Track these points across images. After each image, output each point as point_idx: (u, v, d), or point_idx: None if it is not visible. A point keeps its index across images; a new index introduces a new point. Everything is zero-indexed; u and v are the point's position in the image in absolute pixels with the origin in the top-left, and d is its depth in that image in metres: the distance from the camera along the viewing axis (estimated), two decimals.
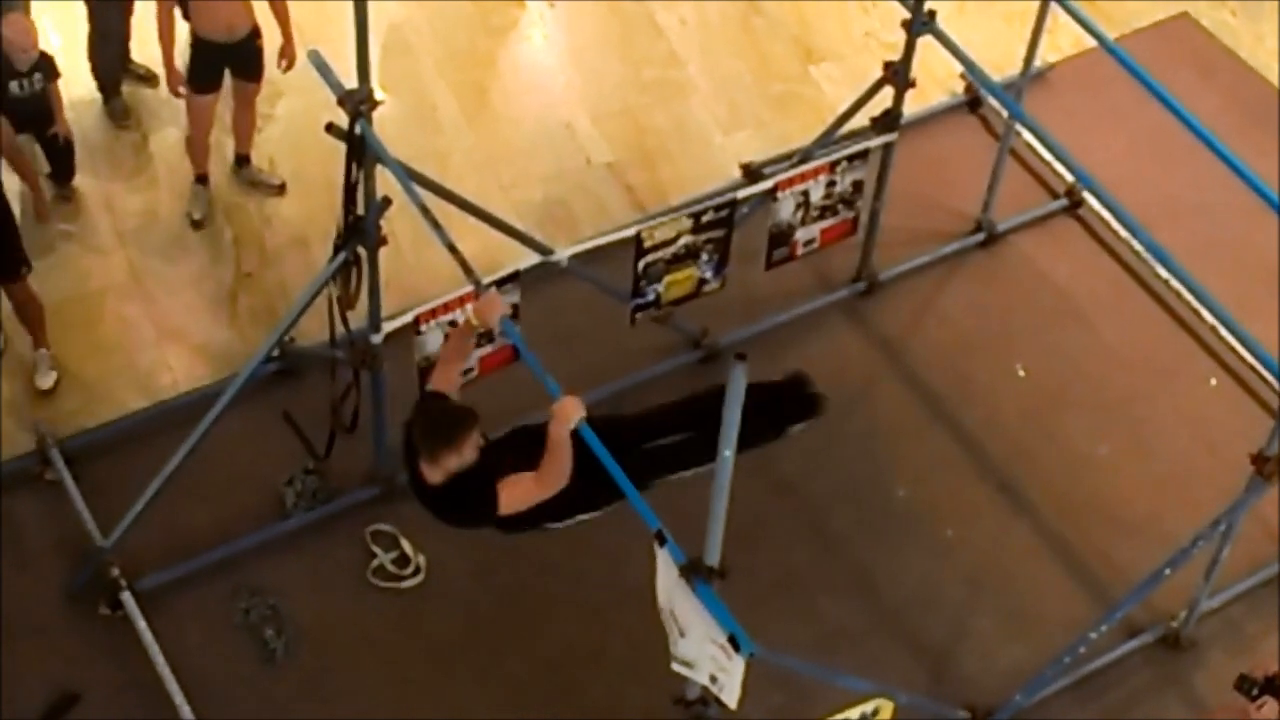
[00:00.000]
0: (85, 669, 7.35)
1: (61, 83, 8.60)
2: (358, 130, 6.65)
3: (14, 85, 8.36)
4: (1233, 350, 8.65)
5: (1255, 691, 6.49)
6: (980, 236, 9.26)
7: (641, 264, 7.75)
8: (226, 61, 8.64)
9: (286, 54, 8.68)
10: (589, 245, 8.17)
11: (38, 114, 8.54)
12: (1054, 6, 7.96)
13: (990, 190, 9.12)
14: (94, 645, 7.43)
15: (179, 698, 7.19)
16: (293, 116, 9.39)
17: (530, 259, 7.58)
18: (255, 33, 8.59)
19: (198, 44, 8.54)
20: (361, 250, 7.09)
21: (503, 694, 7.45)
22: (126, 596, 7.44)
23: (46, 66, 8.46)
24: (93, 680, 7.32)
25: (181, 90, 8.71)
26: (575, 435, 5.86)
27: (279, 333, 7.51)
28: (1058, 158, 7.97)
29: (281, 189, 9.11)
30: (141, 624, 7.38)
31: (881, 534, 8.11)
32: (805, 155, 8.45)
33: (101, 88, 9.29)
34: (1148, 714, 7.62)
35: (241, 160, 9.13)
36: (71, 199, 8.94)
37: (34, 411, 8.07)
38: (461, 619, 7.66)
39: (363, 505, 7.93)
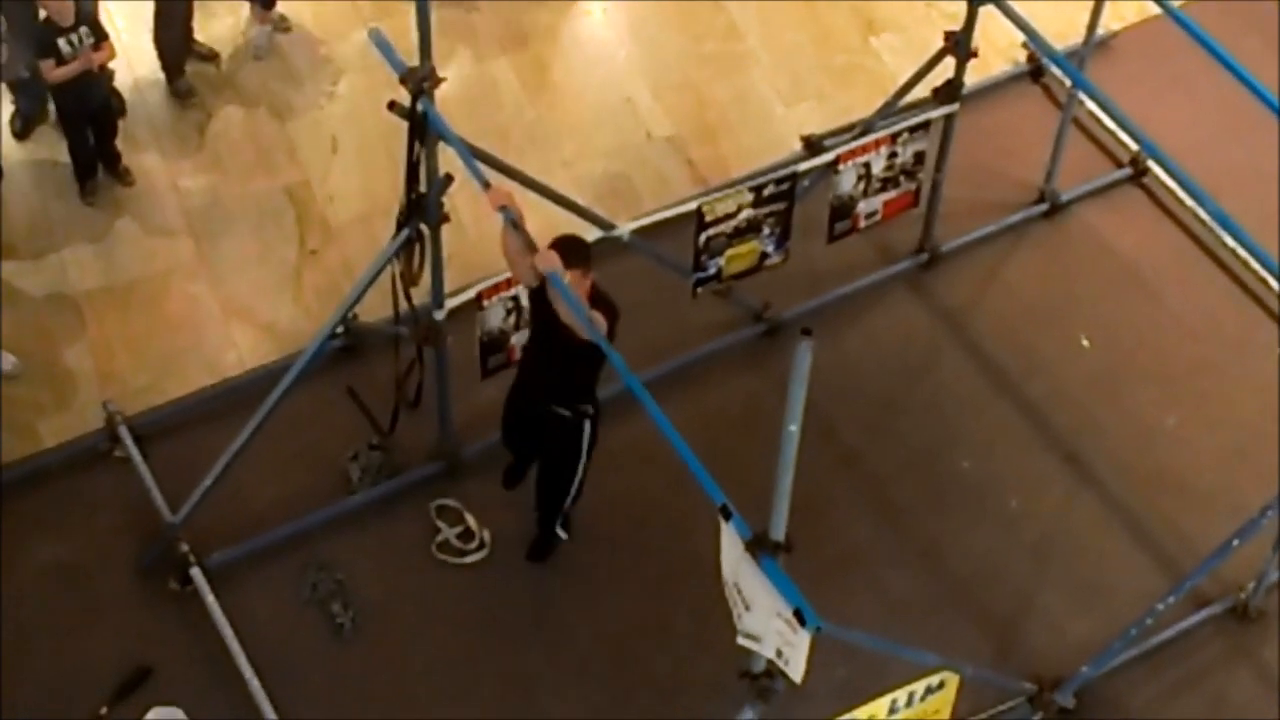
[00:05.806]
0: (156, 644, 7.44)
1: (126, 63, 8.55)
2: (420, 109, 6.67)
3: (63, 44, 8.36)
4: None
5: None
6: (1043, 207, 9.20)
7: (703, 238, 7.75)
8: None
9: None
10: (650, 220, 8.17)
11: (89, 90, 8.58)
12: None
13: (1053, 160, 9.05)
14: (165, 620, 7.51)
15: (248, 671, 7.26)
16: (354, 94, 9.43)
17: (592, 234, 7.58)
18: None
19: None
20: (424, 227, 7.11)
21: (568, 667, 7.49)
22: (196, 572, 7.52)
23: (92, 23, 8.46)
24: (164, 655, 7.41)
25: None
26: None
27: (343, 310, 7.53)
28: (1122, 126, 7.91)
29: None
30: (211, 599, 7.46)
31: (946, 506, 8.09)
32: (866, 127, 8.42)
33: (165, 68, 9.33)
34: (1217, 685, 7.58)
35: None
36: (131, 180, 8.95)
37: (103, 391, 8.15)
38: (526, 592, 7.70)
39: (427, 480, 7.97)
